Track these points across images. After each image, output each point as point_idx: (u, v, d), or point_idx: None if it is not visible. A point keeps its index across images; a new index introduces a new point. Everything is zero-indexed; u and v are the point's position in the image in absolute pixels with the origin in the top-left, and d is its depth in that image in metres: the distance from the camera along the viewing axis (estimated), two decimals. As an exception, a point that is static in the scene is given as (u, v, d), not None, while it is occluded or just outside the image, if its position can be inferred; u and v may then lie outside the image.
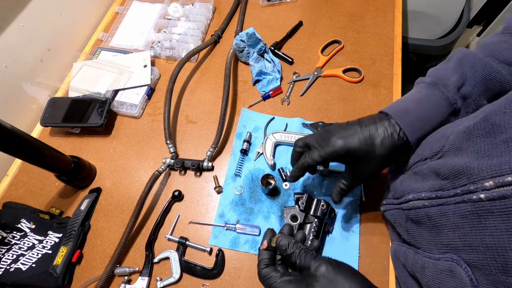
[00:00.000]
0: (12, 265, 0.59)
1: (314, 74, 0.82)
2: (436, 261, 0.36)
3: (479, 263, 0.29)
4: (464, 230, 0.31)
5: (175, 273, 0.60)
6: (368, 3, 0.93)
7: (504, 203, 0.26)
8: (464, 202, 0.31)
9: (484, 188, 0.28)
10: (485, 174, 0.28)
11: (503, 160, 0.27)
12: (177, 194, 0.67)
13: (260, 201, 0.67)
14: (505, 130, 0.28)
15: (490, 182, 0.27)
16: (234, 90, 0.82)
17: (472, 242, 0.30)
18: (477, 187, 0.29)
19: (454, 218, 0.32)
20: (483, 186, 0.28)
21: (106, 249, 0.65)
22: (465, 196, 0.30)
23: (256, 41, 0.80)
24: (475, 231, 0.29)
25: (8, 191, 0.72)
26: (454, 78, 0.45)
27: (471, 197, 0.29)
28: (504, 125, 0.28)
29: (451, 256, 0.33)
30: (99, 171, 0.73)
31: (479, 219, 0.29)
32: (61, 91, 0.85)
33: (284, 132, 0.72)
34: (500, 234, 0.26)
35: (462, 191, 0.31)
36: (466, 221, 0.30)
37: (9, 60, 0.74)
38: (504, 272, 0.26)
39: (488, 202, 0.27)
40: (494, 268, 0.27)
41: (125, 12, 0.98)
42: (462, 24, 1.28)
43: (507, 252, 0.25)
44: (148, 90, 0.81)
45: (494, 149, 0.29)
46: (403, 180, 0.47)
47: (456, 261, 0.32)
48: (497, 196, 0.26)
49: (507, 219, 0.25)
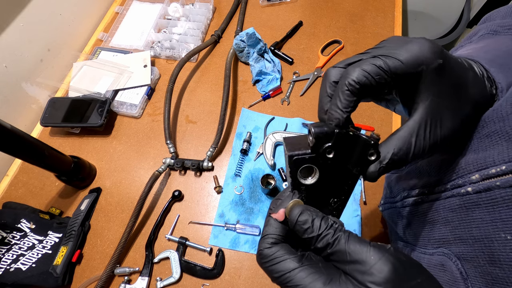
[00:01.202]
0: (12, 265, 0.59)
1: (314, 74, 0.82)
2: (430, 256, 0.36)
3: (468, 255, 0.29)
4: (453, 224, 0.32)
5: (175, 273, 0.60)
6: (368, 3, 0.93)
7: (489, 195, 0.26)
8: (453, 196, 0.31)
9: (471, 182, 0.29)
10: (471, 168, 0.29)
11: (487, 154, 0.27)
12: (177, 194, 0.67)
13: (260, 201, 0.67)
14: (486, 124, 0.28)
15: (476, 175, 0.28)
16: (234, 90, 0.82)
17: (461, 235, 0.30)
18: (465, 181, 0.29)
19: (445, 212, 0.33)
20: (470, 179, 0.29)
21: (106, 249, 0.65)
22: (454, 190, 0.31)
23: (256, 41, 0.80)
24: (464, 224, 0.30)
25: (8, 191, 0.72)
26: None
27: (460, 191, 0.30)
28: (484, 119, 0.29)
29: (443, 251, 0.34)
30: (99, 171, 0.73)
31: (466, 212, 0.29)
32: (61, 91, 0.85)
33: (284, 132, 0.72)
34: (486, 225, 0.27)
35: (452, 185, 0.32)
36: (455, 215, 0.31)
37: (9, 60, 0.74)
38: (491, 263, 0.26)
39: (475, 195, 0.28)
40: (482, 259, 0.27)
41: (125, 12, 0.98)
42: (462, 24, 1.28)
43: (493, 243, 0.26)
44: (148, 90, 0.81)
45: (479, 143, 0.29)
46: (399, 179, 0.48)
47: (447, 255, 0.33)
48: (483, 189, 0.27)
49: (492, 211, 0.26)
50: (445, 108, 0.26)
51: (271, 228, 0.28)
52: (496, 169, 0.26)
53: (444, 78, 0.26)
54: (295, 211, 0.27)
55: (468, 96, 0.27)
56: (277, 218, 0.28)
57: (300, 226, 0.26)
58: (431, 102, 0.26)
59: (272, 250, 0.26)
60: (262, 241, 0.28)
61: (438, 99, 0.26)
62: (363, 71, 0.25)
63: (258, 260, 0.27)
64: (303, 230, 0.26)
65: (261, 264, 0.27)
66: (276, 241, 0.27)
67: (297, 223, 0.26)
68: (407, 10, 1.30)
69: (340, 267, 0.24)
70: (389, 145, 0.26)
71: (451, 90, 0.26)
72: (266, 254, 0.26)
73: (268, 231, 0.28)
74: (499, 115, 0.27)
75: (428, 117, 0.26)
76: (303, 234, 0.26)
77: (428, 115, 0.26)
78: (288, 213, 0.27)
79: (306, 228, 0.25)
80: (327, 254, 0.25)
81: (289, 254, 0.26)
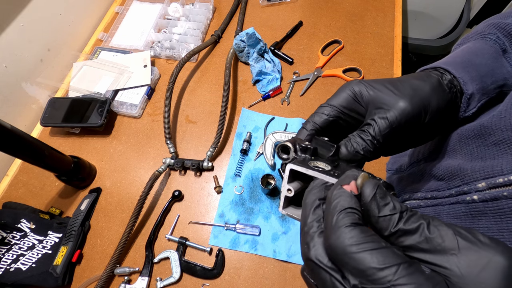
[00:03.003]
0: (12, 265, 0.59)
1: (314, 74, 0.82)
2: None
3: None
4: None
5: (175, 273, 0.60)
6: (368, 3, 0.93)
7: (497, 204, 0.26)
8: (458, 203, 0.31)
9: (477, 189, 0.28)
10: (477, 176, 0.29)
11: (495, 162, 0.27)
12: (177, 194, 0.67)
13: (260, 201, 0.67)
14: (493, 132, 0.28)
15: (483, 183, 0.28)
16: (234, 90, 0.82)
17: None
18: (470, 188, 0.29)
19: (448, 218, 0.33)
20: (476, 187, 0.28)
21: (106, 249, 0.65)
22: (459, 197, 0.31)
23: (256, 41, 0.80)
24: None
25: (8, 191, 0.72)
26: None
27: (465, 198, 0.30)
28: (491, 127, 0.29)
29: None
30: (99, 171, 0.73)
31: (472, 220, 0.29)
32: (61, 91, 0.85)
33: (284, 132, 0.72)
34: (492, 234, 0.26)
35: (457, 192, 0.31)
36: (459, 222, 0.31)
37: (9, 60, 0.74)
38: None
39: (481, 204, 0.28)
40: None
41: (125, 12, 0.98)
42: (462, 24, 1.28)
43: None
44: (148, 90, 0.81)
45: (486, 151, 0.29)
46: (400, 180, 0.48)
47: None
48: (489, 198, 0.27)
49: (500, 221, 0.26)
50: (387, 97, 0.30)
51: (346, 200, 0.20)
52: (503, 179, 0.26)
53: (375, 83, 0.32)
54: (370, 184, 0.21)
55: (405, 82, 0.31)
56: (352, 190, 0.21)
57: (379, 202, 0.20)
58: (373, 101, 0.30)
59: (357, 232, 0.18)
60: (337, 216, 0.19)
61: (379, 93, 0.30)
62: (318, 113, 0.32)
63: (336, 241, 0.18)
64: (381, 207, 0.20)
65: (343, 247, 0.18)
66: (360, 222, 0.19)
67: (375, 197, 0.20)
68: (407, 10, 1.30)
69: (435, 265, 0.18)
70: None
71: (386, 85, 0.31)
72: (353, 236, 0.18)
73: (342, 203, 0.20)
74: (507, 123, 0.27)
75: (373, 108, 0.30)
76: (380, 212, 0.20)
77: (373, 107, 0.30)
78: (360, 186, 0.21)
79: (385, 204, 0.20)
80: (411, 244, 0.18)
81: (380, 244, 0.18)
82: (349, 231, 0.18)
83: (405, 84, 0.30)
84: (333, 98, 0.32)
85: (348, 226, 0.19)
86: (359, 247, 0.18)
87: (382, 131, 0.28)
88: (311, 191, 0.23)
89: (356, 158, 0.28)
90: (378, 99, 0.30)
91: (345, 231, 0.18)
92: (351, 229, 0.18)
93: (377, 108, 0.29)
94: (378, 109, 0.29)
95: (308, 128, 0.31)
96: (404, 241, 0.19)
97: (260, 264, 0.61)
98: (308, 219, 0.22)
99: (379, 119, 0.28)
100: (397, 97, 0.29)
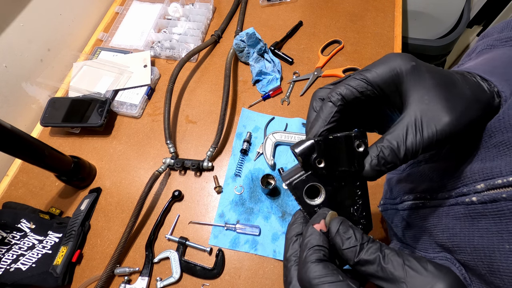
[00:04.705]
0: (12, 265, 0.59)
1: (314, 74, 0.82)
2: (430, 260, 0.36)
3: (469, 263, 0.29)
4: (453, 231, 0.31)
5: (175, 273, 0.60)
6: (368, 3, 0.93)
7: (496, 206, 0.26)
8: (457, 205, 0.31)
9: (476, 191, 0.28)
10: (476, 177, 0.28)
11: (494, 164, 0.27)
12: (177, 194, 0.67)
13: (260, 201, 0.67)
14: (493, 134, 0.28)
15: (482, 184, 0.28)
16: (234, 90, 0.82)
17: (460, 243, 0.30)
18: (469, 189, 0.29)
19: (447, 219, 0.32)
20: (475, 188, 0.28)
21: (106, 249, 0.65)
22: (458, 198, 0.31)
23: (256, 41, 0.80)
24: (464, 232, 0.30)
25: (8, 191, 0.72)
26: None
27: (464, 200, 0.30)
28: (491, 128, 0.29)
29: (445, 255, 0.33)
30: (99, 171, 0.73)
31: (472, 221, 0.29)
32: (61, 91, 0.85)
33: (284, 132, 0.72)
34: (491, 236, 0.26)
35: (456, 193, 0.31)
36: (458, 223, 0.31)
37: (9, 60, 0.74)
38: (491, 273, 0.26)
39: (480, 205, 0.28)
40: (482, 269, 0.27)
41: (125, 12, 0.98)
42: (462, 24, 1.28)
43: (494, 253, 0.26)
44: (148, 90, 0.81)
45: (486, 152, 0.29)
46: (399, 180, 0.48)
47: (449, 260, 0.32)
48: (488, 199, 0.27)
49: (499, 222, 0.26)
50: (435, 106, 0.26)
51: (315, 238, 0.24)
52: (502, 180, 0.25)
53: (425, 79, 0.27)
54: (335, 221, 0.25)
55: (458, 94, 0.27)
56: (321, 228, 0.25)
57: (342, 236, 0.24)
58: (419, 101, 0.26)
59: (320, 267, 0.22)
60: (307, 252, 0.23)
61: (426, 97, 0.26)
62: (346, 85, 0.27)
63: (304, 275, 0.23)
64: (345, 240, 0.23)
65: (309, 280, 0.22)
66: (324, 258, 0.23)
67: (338, 233, 0.24)
68: (407, 10, 1.30)
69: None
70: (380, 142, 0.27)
71: (437, 89, 0.26)
72: (317, 271, 0.22)
73: (312, 241, 0.24)
74: (507, 125, 0.27)
75: (418, 114, 0.26)
76: (343, 245, 0.23)
77: (417, 112, 0.26)
78: (328, 224, 0.25)
79: (348, 238, 0.23)
80: (371, 272, 0.22)
81: (343, 276, 0.22)
82: (314, 266, 0.22)
83: (458, 98, 0.26)
84: (373, 70, 0.27)
85: (313, 262, 0.23)
86: (320, 280, 0.22)
87: (413, 149, 0.26)
88: (291, 227, 0.28)
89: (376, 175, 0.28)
90: (421, 100, 0.26)
91: (311, 266, 0.22)
92: (316, 264, 0.23)
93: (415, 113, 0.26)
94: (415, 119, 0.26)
95: (336, 104, 0.27)
96: (367, 270, 0.22)
97: (260, 264, 0.61)
98: (287, 253, 0.26)
99: (413, 134, 0.26)
100: (445, 111, 0.25)
